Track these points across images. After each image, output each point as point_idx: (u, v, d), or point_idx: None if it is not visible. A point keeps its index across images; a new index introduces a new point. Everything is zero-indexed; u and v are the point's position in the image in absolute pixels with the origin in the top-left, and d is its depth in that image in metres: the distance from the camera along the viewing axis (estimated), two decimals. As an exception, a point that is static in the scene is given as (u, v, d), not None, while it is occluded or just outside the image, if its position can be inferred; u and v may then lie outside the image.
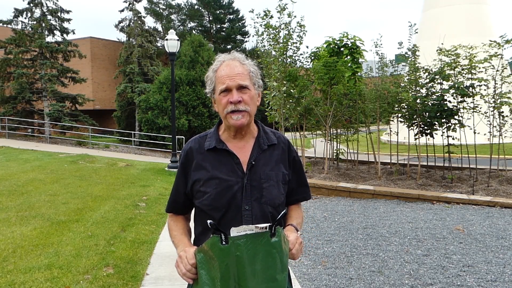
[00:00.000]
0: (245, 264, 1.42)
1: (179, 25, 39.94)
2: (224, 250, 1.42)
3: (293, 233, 1.62)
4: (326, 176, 9.27)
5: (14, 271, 4.06)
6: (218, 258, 1.43)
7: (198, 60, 21.69)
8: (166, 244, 5.12)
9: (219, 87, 1.61)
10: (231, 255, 1.42)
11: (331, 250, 5.00)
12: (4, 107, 22.04)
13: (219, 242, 1.42)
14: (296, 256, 1.58)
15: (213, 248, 1.44)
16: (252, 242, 1.43)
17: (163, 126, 20.57)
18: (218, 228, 1.43)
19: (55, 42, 23.23)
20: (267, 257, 1.44)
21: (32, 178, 9.21)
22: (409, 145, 9.29)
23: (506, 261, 4.51)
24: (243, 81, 1.60)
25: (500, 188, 7.86)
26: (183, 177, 1.70)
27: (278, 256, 1.47)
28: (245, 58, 1.68)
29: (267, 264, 1.44)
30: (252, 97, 1.63)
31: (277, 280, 1.46)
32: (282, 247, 1.49)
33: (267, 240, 1.45)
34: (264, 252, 1.44)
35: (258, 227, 1.45)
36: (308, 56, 10.55)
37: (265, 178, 1.63)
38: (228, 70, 1.60)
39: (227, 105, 1.59)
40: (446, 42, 9.41)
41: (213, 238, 1.44)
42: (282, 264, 1.48)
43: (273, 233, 1.46)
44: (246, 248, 1.42)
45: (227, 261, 1.42)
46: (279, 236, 1.48)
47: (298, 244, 1.58)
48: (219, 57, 1.68)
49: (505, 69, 8.45)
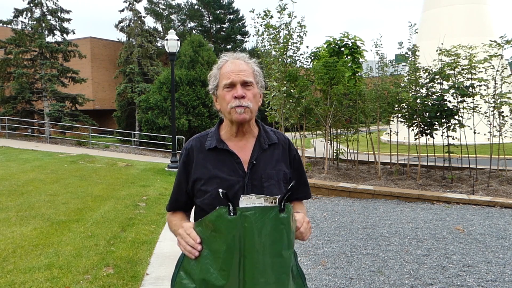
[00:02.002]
0: (253, 236, 1.40)
1: (179, 25, 39.97)
2: (232, 221, 1.40)
3: (301, 213, 1.62)
4: (326, 176, 9.26)
5: (14, 271, 4.06)
6: (225, 229, 1.41)
7: (198, 60, 21.68)
8: (166, 244, 5.12)
9: (223, 82, 1.63)
10: (239, 226, 1.40)
11: (331, 250, 5.00)
12: (4, 107, 22.05)
13: (227, 213, 1.41)
14: (305, 235, 1.57)
15: (219, 220, 1.42)
16: (260, 215, 1.41)
17: (163, 126, 20.57)
18: (229, 198, 1.42)
19: (55, 42, 23.24)
20: (275, 232, 1.43)
21: (32, 178, 9.22)
22: (409, 145, 9.29)
23: (506, 261, 4.51)
24: (248, 77, 1.62)
25: (500, 188, 7.86)
26: (184, 175, 1.70)
27: (285, 232, 1.45)
28: (249, 58, 1.70)
29: (274, 238, 1.43)
30: (255, 95, 1.65)
31: (283, 256, 1.45)
32: (290, 223, 1.47)
33: (275, 215, 1.43)
34: (272, 226, 1.42)
35: (268, 200, 1.43)
36: (308, 56, 10.55)
37: (266, 177, 1.63)
38: (233, 67, 1.63)
39: (231, 100, 1.60)
40: (446, 42, 9.41)
41: (220, 210, 1.42)
42: (288, 241, 1.47)
43: (282, 208, 1.44)
44: (254, 220, 1.40)
45: (234, 232, 1.40)
46: (288, 213, 1.46)
47: (306, 223, 1.58)
48: (223, 55, 1.70)
49: (505, 69, 8.45)
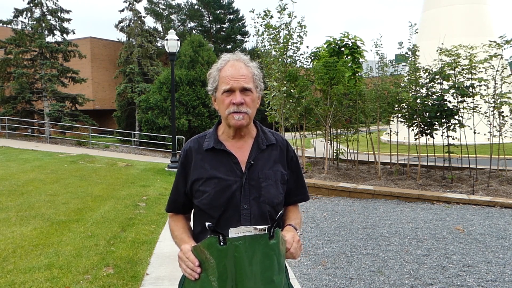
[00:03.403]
0: (243, 265, 1.41)
1: (179, 25, 39.96)
2: (222, 251, 1.42)
3: (290, 232, 1.62)
4: (326, 176, 9.26)
5: (14, 271, 4.06)
6: (216, 259, 1.43)
7: (198, 60, 21.68)
8: (166, 244, 5.12)
9: (222, 87, 1.61)
10: (229, 256, 1.42)
11: (331, 250, 5.00)
12: (4, 107, 22.05)
13: (217, 242, 1.42)
14: (296, 255, 1.57)
15: (210, 249, 1.44)
16: (250, 244, 1.43)
17: (163, 126, 20.57)
18: (216, 230, 1.43)
19: (55, 42, 23.24)
20: (265, 259, 1.44)
21: (32, 178, 9.22)
22: (409, 145, 9.29)
23: (506, 261, 4.51)
24: (247, 84, 1.61)
25: (500, 188, 7.86)
26: (183, 176, 1.71)
27: (275, 258, 1.47)
28: (249, 60, 1.68)
29: (264, 266, 1.44)
30: (254, 100, 1.64)
31: (274, 282, 1.46)
32: (279, 248, 1.49)
33: (265, 242, 1.44)
34: (262, 254, 1.44)
35: (257, 229, 1.44)
36: (308, 56, 10.56)
37: (264, 177, 1.64)
38: (233, 71, 1.61)
39: (230, 106, 1.60)
40: (446, 42, 9.40)
41: (210, 239, 1.44)
42: (279, 266, 1.48)
43: (271, 235, 1.45)
44: (245, 250, 1.42)
45: (224, 261, 1.42)
46: (277, 238, 1.48)
47: (296, 243, 1.57)
48: (224, 56, 1.68)
49: (505, 69, 8.45)
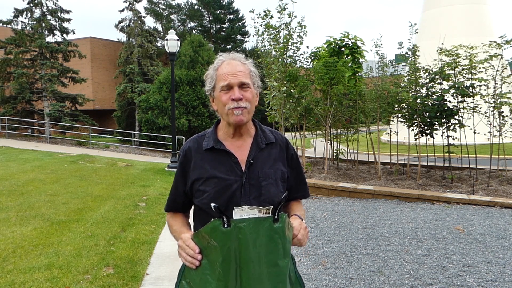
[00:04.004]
0: (247, 247, 1.41)
1: (179, 25, 39.96)
2: (226, 233, 1.42)
3: (297, 219, 1.64)
4: (326, 176, 9.26)
5: (14, 271, 4.06)
6: (220, 241, 1.42)
7: (198, 60, 21.69)
8: (166, 244, 5.12)
9: (220, 84, 1.62)
10: (233, 238, 1.41)
11: (331, 250, 5.00)
12: (4, 107, 22.05)
13: (221, 225, 1.42)
14: (303, 241, 1.58)
15: (214, 232, 1.43)
16: (254, 226, 1.43)
17: (163, 126, 20.57)
18: (222, 211, 1.43)
19: (55, 42, 23.24)
20: (269, 242, 1.44)
21: (32, 178, 9.22)
22: (409, 145, 9.29)
23: (506, 261, 4.51)
24: (245, 79, 1.62)
25: (500, 188, 7.86)
26: (182, 176, 1.71)
27: (280, 241, 1.47)
28: (245, 58, 1.70)
29: (269, 249, 1.44)
30: (252, 96, 1.65)
31: (279, 265, 1.46)
32: (285, 233, 1.48)
33: (269, 225, 1.45)
34: (266, 236, 1.44)
35: (261, 211, 1.45)
36: (308, 56, 10.55)
37: (264, 176, 1.64)
38: (230, 68, 1.62)
39: (229, 102, 1.60)
40: (446, 42, 9.41)
41: (214, 222, 1.43)
42: (284, 250, 1.48)
43: (276, 218, 1.46)
44: (249, 232, 1.42)
45: (229, 244, 1.42)
46: (283, 222, 1.48)
47: (303, 229, 1.59)
48: (219, 56, 1.69)
49: (505, 69, 8.45)
